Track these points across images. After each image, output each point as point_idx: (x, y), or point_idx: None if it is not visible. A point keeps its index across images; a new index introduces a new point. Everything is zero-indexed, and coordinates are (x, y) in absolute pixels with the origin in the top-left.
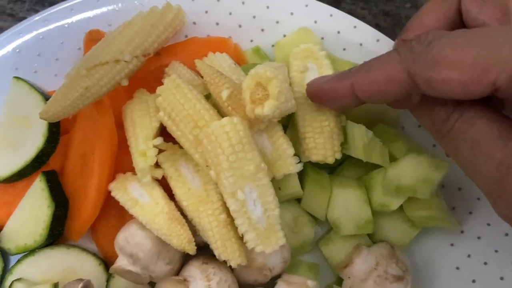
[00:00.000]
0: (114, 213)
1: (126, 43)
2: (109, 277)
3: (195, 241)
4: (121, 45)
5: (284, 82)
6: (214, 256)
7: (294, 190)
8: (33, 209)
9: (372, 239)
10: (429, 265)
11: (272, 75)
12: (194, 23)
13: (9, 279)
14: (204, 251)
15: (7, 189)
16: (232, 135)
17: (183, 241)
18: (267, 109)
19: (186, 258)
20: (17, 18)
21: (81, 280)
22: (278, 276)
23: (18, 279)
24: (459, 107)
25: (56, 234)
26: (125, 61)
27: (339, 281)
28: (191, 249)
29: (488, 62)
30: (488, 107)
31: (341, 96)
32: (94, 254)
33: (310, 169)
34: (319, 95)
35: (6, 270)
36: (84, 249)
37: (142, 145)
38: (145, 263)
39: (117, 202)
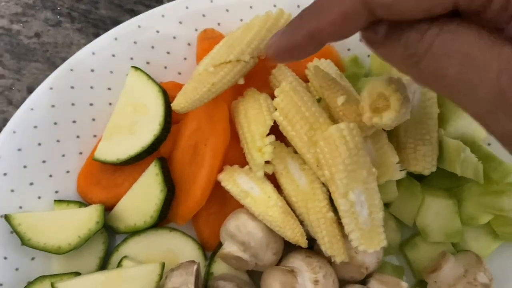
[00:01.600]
0: (216, 202)
1: (247, 45)
2: (210, 261)
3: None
4: (242, 45)
5: (406, 94)
6: (312, 250)
7: (391, 196)
8: (145, 192)
9: (454, 247)
10: (505, 277)
11: (396, 88)
12: None
13: (114, 256)
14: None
15: (116, 171)
16: (349, 139)
17: (297, 234)
18: (386, 119)
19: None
20: (124, 10)
21: (194, 262)
22: (369, 275)
23: (125, 257)
24: (435, 22)
25: (162, 218)
26: (245, 61)
27: (420, 285)
28: (304, 242)
29: None
30: (468, 22)
31: (303, 48)
32: (193, 239)
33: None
34: (282, 55)
35: (110, 248)
36: (185, 233)
37: (259, 142)
38: (255, 251)
39: (219, 192)
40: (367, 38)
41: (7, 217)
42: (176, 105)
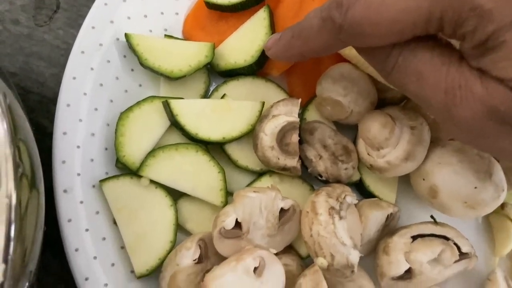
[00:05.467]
0: (311, 61)
1: None
2: (303, 110)
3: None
4: None
5: None
6: None
7: None
8: (251, 33)
9: None
10: None
11: None
12: None
13: (214, 95)
14: None
15: (220, 19)
16: None
17: None
18: None
19: None
20: None
21: (297, 98)
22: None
23: (225, 94)
24: (397, 45)
25: (260, 64)
26: None
27: None
28: None
29: (402, 23)
30: (427, 37)
31: (293, 59)
32: (286, 92)
33: None
34: (277, 59)
35: (209, 87)
36: (279, 85)
37: None
38: (356, 97)
39: None
40: (353, 46)
41: (127, 36)
42: None
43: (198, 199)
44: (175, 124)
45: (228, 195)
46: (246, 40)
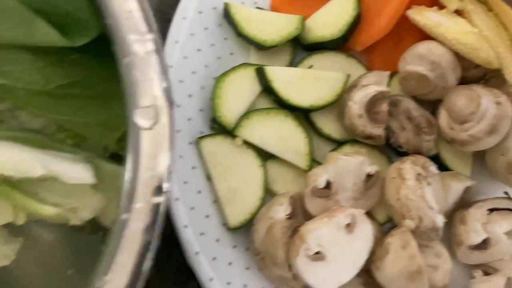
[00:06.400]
0: (393, 39)
1: None
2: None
3: None
4: None
5: None
6: None
7: None
8: (339, 9)
9: None
10: None
11: None
12: None
13: (300, 66)
14: None
15: None
16: None
17: (490, 56)
18: None
19: None
20: None
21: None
22: None
23: (311, 66)
24: None
25: (344, 39)
26: None
27: None
28: (497, 63)
29: None
30: None
31: None
32: (365, 67)
33: None
34: None
35: (295, 60)
36: (360, 61)
37: None
38: (443, 72)
39: (397, 31)
40: None
41: (226, 5)
42: None
43: (284, 162)
44: (268, 90)
45: None
46: (334, 15)
